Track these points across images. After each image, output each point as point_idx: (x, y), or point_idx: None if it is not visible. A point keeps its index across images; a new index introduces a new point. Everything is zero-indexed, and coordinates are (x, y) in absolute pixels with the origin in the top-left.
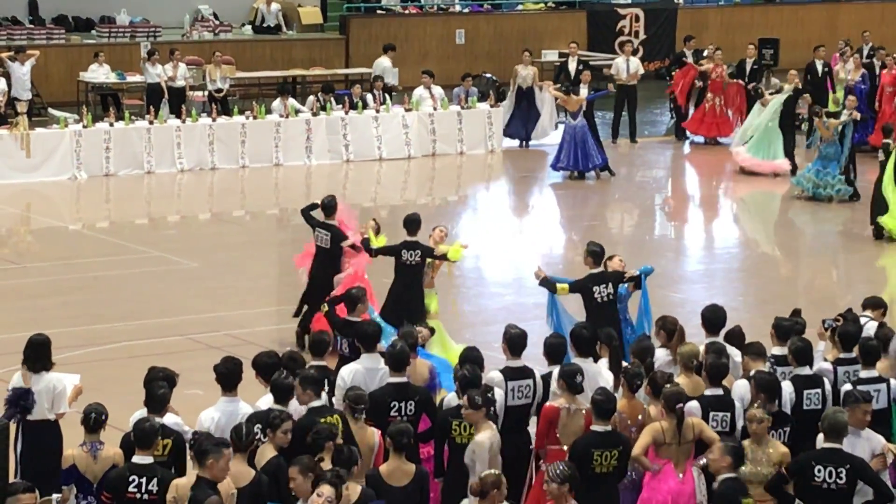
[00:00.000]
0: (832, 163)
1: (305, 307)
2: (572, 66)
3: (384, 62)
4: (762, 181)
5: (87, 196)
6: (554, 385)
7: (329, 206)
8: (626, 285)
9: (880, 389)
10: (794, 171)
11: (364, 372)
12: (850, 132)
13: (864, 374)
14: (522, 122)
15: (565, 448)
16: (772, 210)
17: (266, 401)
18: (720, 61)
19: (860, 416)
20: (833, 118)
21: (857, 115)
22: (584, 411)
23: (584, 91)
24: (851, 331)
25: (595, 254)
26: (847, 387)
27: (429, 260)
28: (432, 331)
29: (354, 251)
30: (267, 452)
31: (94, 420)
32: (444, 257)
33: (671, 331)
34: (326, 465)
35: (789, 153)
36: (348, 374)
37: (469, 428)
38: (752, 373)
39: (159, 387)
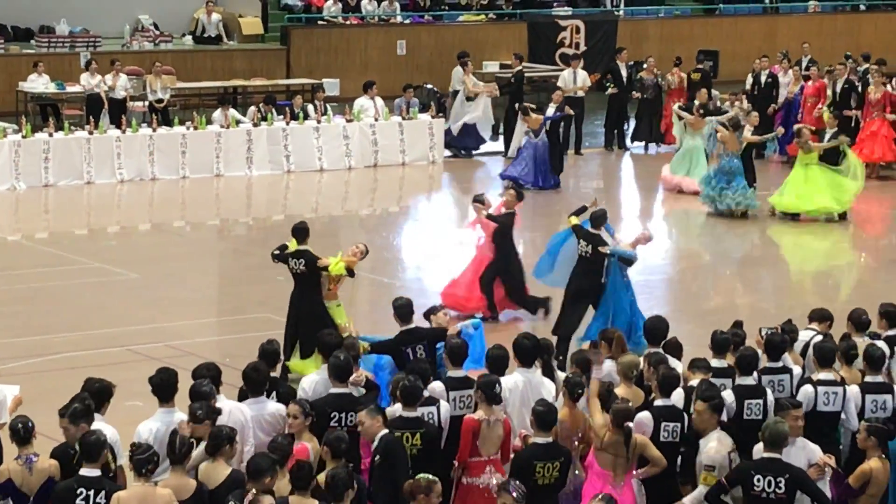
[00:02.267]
0: (737, 177)
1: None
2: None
3: (459, 72)
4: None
5: (26, 207)
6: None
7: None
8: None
9: (837, 393)
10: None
11: (324, 382)
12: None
13: (822, 375)
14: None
15: (486, 458)
16: (710, 222)
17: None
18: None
19: (790, 422)
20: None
21: (781, 131)
22: (502, 421)
23: (550, 110)
24: (776, 340)
25: (596, 218)
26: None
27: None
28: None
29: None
30: (220, 468)
31: (24, 430)
32: (325, 269)
33: (611, 340)
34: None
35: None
36: (309, 385)
37: (412, 438)
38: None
39: (82, 399)
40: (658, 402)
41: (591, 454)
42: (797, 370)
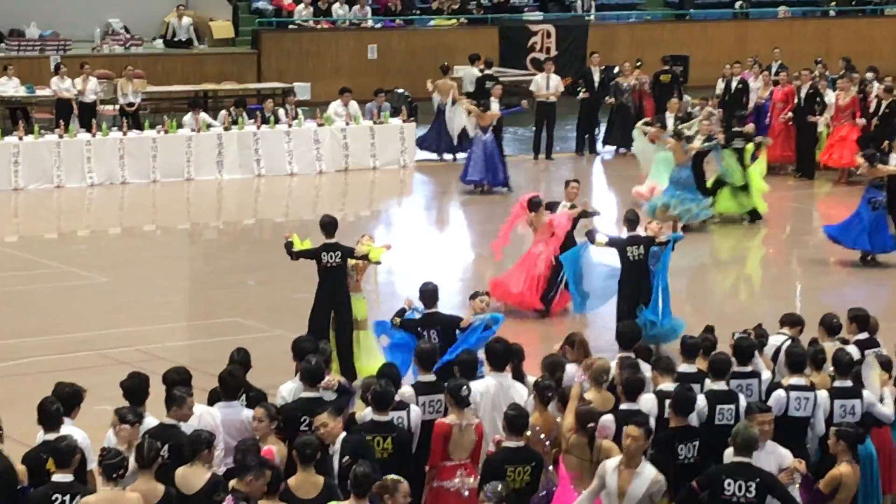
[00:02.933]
0: (688, 188)
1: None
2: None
3: (473, 71)
4: None
5: None
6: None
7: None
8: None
9: (809, 398)
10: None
11: (298, 388)
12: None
13: (793, 380)
14: (439, 135)
15: (458, 462)
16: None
17: (195, 418)
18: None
19: (758, 426)
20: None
21: (722, 140)
22: (474, 426)
23: (495, 106)
24: (744, 345)
25: (630, 221)
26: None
27: (352, 262)
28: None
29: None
30: (199, 473)
31: None
32: (364, 257)
33: (573, 343)
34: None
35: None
36: (288, 392)
37: (383, 442)
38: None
39: (51, 403)
40: (623, 406)
41: (560, 457)
42: (766, 374)
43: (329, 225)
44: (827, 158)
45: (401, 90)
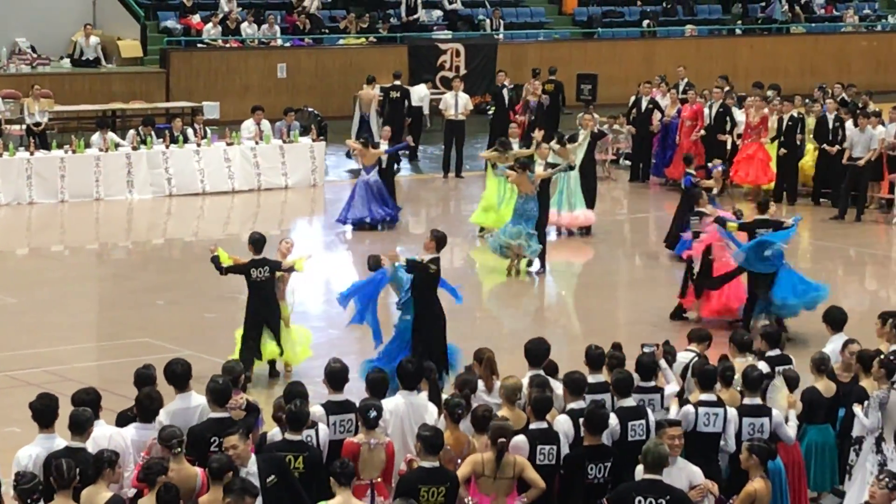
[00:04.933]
0: (530, 220)
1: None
2: None
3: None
4: None
5: None
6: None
7: (259, 241)
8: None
9: (718, 414)
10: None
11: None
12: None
13: (703, 397)
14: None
15: (368, 482)
16: (588, 241)
17: (102, 433)
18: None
19: (667, 441)
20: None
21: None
22: (384, 445)
23: (384, 146)
24: (645, 360)
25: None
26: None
27: (278, 273)
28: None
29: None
30: (102, 493)
31: None
32: (291, 269)
33: (481, 360)
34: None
35: (591, 202)
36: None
37: (294, 461)
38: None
39: None
40: (533, 426)
41: (472, 479)
42: (668, 389)
43: (258, 241)
44: (735, 176)
45: (310, 109)
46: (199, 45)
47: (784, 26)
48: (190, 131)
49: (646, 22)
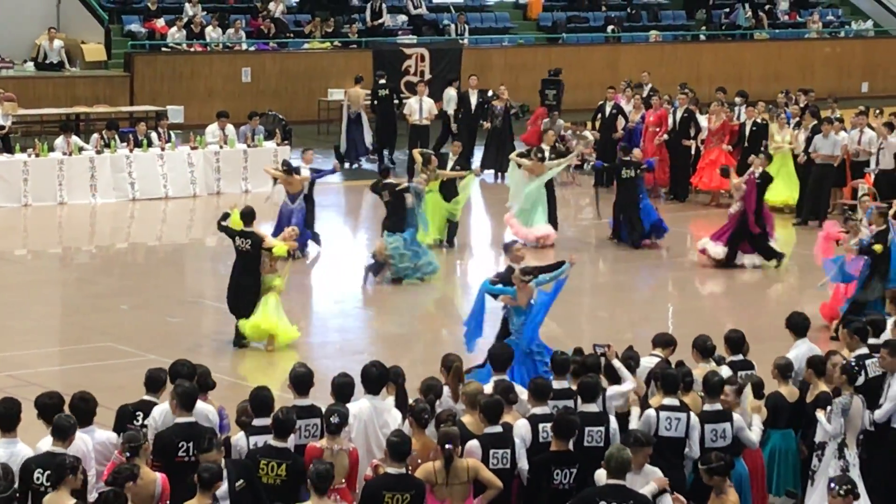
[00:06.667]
0: (416, 244)
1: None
2: None
3: (451, 91)
4: None
5: None
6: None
7: (249, 214)
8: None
9: (680, 419)
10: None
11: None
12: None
13: (666, 401)
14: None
15: (331, 487)
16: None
17: (47, 442)
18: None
19: (641, 460)
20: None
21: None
22: (347, 451)
23: (305, 171)
24: (589, 362)
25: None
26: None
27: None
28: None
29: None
30: (63, 499)
31: None
32: (268, 250)
33: (450, 368)
34: None
35: (553, 218)
36: (159, 414)
37: (277, 468)
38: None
39: None
40: (486, 430)
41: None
42: (614, 389)
43: (248, 215)
44: (698, 181)
45: (275, 113)
46: (163, 49)
47: (748, 32)
48: (154, 135)
49: (610, 27)
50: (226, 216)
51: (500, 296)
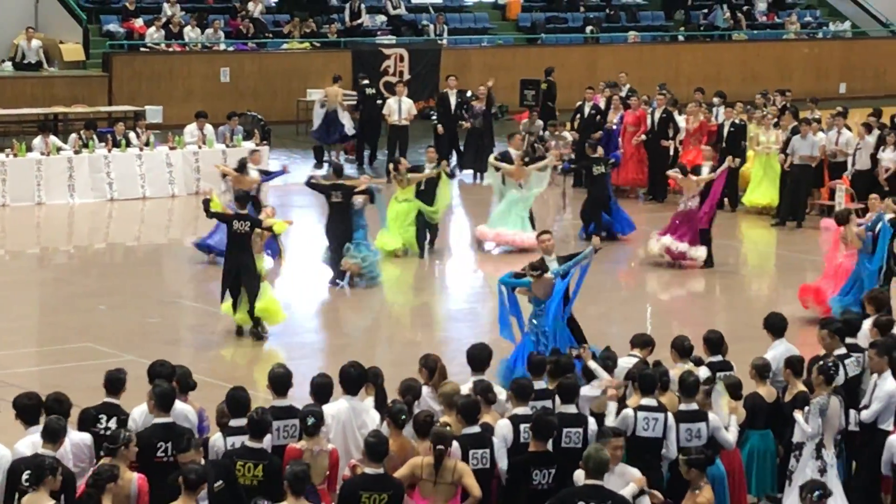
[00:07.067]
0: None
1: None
2: None
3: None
4: None
5: None
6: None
7: (243, 198)
8: None
9: (658, 419)
10: None
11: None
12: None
13: (644, 401)
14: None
15: (309, 488)
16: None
17: (25, 443)
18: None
19: (610, 451)
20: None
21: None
22: (328, 452)
23: (253, 173)
24: (562, 362)
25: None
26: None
27: (256, 230)
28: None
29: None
30: (42, 500)
31: None
32: (269, 229)
33: (432, 368)
34: None
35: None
36: (139, 415)
37: (254, 468)
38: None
39: None
40: (464, 430)
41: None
42: (586, 390)
43: (244, 198)
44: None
45: (253, 113)
46: (141, 49)
47: (726, 33)
48: (132, 135)
49: (589, 28)
50: (207, 202)
51: (517, 288)
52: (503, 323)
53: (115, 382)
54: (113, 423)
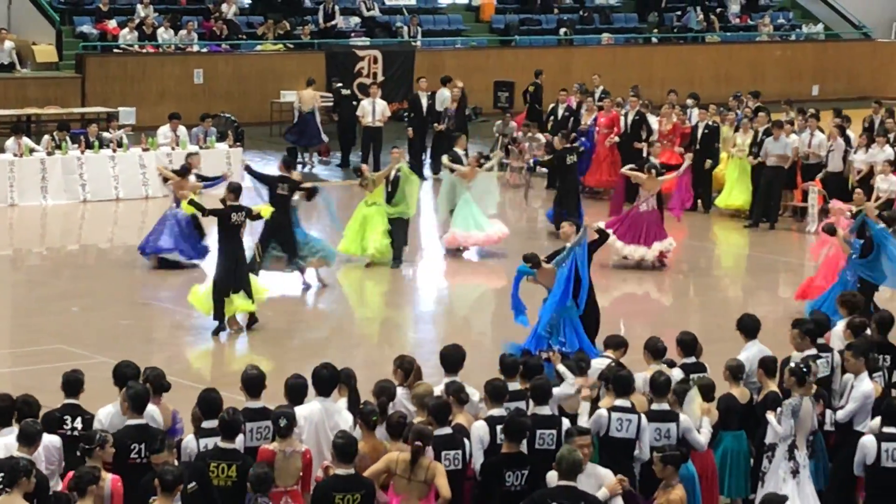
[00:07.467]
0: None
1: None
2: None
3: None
4: None
5: None
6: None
7: (237, 189)
8: None
9: (631, 420)
10: None
11: (119, 415)
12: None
13: (617, 402)
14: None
15: (283, 489)
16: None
17: None
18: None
19: (576, 448)
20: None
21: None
22: (301, 453)
23: (192, 179)
24: (531, 363)
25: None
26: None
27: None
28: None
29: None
30: (16, 502)
31: None
32: (258, 216)
33: (408, 370)
34: None
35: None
36: (105, 416)
37: (227, 469)
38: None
39: None
40: (437, 432)
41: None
42: (560, 390)
43: (237, 189)
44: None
45: (227, 115)
46: (115, 51)
47: (699, 35)
48: (106, 136)
49: (563, 30)
50: (195, 203)
51: (528, 277)
52: (516, 309)
53: (73, 383)
54: (78, 424)
